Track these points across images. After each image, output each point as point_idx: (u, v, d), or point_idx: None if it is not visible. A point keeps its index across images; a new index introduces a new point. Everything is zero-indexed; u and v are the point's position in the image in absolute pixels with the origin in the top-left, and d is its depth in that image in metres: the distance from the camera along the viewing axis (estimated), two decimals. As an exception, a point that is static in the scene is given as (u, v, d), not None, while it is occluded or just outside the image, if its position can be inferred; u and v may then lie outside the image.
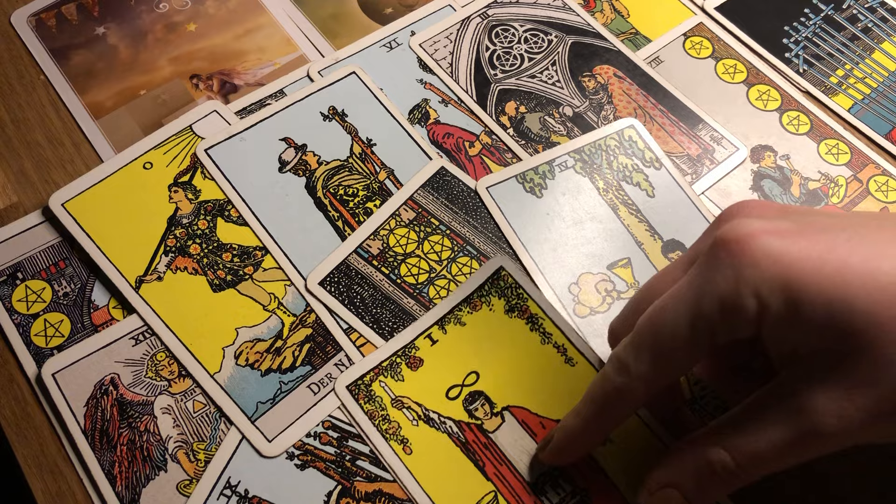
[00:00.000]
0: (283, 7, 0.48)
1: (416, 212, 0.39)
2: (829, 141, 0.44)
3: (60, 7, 0.47)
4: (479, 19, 0.47)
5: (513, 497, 0.33)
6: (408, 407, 0.35)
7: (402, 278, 0.38)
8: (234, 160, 0.41)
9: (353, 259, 0.38)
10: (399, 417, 0.34)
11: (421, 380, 0.35)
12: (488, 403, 0.35)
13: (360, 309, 0.37)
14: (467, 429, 0.34)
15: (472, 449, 0.34)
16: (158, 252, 0.38)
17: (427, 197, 0.40)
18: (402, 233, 0.39)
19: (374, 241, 0.38)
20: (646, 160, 0.42)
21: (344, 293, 0.37)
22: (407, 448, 0.34)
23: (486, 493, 0.33)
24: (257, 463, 0.34)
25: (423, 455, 0.34)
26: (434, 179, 0.41)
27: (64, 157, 0.42)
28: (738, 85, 0.46)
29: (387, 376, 0.35)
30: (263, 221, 0.40)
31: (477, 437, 0.34)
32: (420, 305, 0.37)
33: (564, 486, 0.33)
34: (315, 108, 0.43)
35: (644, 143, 0.43)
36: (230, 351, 0.36)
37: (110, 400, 0.35)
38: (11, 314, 0.37)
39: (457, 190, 0.41)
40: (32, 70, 0.45)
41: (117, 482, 0.33)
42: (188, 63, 0.45)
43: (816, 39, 0.48)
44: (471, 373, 0.35)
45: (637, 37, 0.47)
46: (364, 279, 0.38)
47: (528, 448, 0.34)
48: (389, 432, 0.34)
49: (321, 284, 0.38)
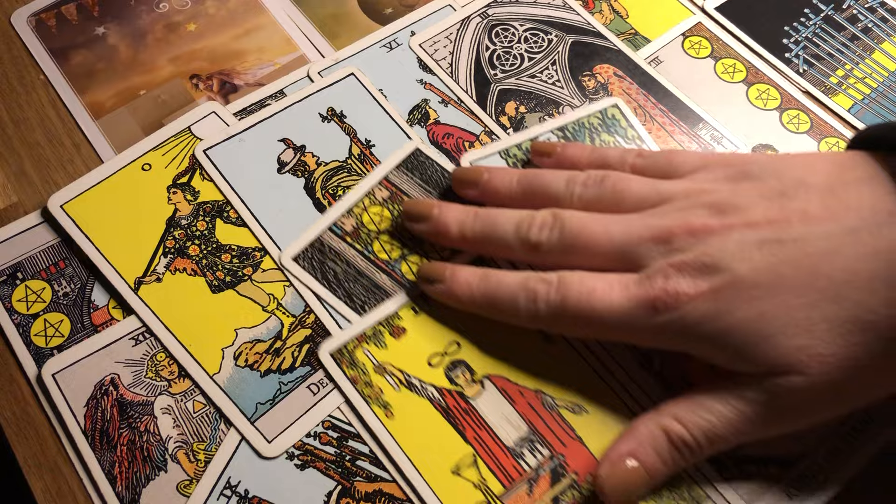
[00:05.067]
0: (283, 7, 0.48)
1: (391, 191, 0.41)
2: (829, 139, 0.44)
3: (60, 7, 0.47)
4: (479, 19, 0.47)
5: (491, 459, 0.34)
6: (390, 373, 0.35)
7: (375, 254, 0.39)
8: (232, 161, 0.41)
9: (326, 236, 0.39)
10: (381, 383, 0.35)
11: (404, 348, 0.36)
12: (469, 371, 0.36)
13: (333, 283, 0.38)
14: (448, 395, 0.35)
15: (452, 414, 0.35)
16: (157, 253, 0.38)
17: (401, 177, 0.41)
18: (376, 211, 0.40)
19: (348, 219, 0.39)
20: (628, 138, 0.43)
21: (317, 268, 0.38)
22: (389, 412, 0.35)
23: (465, 454, 0.34)
24: (257, 463, 0.34)
25: (404, 419, 0.34)
26: (409, 160, 0.42)
27: (64, 158, 0.42)
28: (737, 84, 0.46)
29: (370, 344, 0.36)
30: (262, 222, 0.40)
31: (458, 403, 0.35)
32: (393, 281, 0.38)
33: (542, 450, 0.34)
34: (314, 109, 0.43)
35: (627, 122, 0.43)
36: (229, 352, 0.36)
37: (110, 400, 0.35)
38: (11, 314, 0.37)
39: (431, 171, 0.42)
40: (32, 70, 0.45)
41: (117, 482, 0.33)
42: (188, 63, 0.45)
43: (816, 39, 0.48)
44: (453, 342, 0.36)
45: (636, 37, 0.47)
46: (337, 255, 0.39)
47: (507, 414, 0.35)
48: (372, 397, 0.35)
49: (295, 260, 0.38)
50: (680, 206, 0.33)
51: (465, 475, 0.33)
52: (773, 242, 0.30)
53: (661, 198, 0.34)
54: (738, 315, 0.30)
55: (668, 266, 0.31)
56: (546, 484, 0.33)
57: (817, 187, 0.32)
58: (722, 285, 0.30)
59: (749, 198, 0.32)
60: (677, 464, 0.31)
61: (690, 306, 0.30)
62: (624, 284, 0.32)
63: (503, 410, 0.35)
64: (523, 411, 0.35)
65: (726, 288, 0.30)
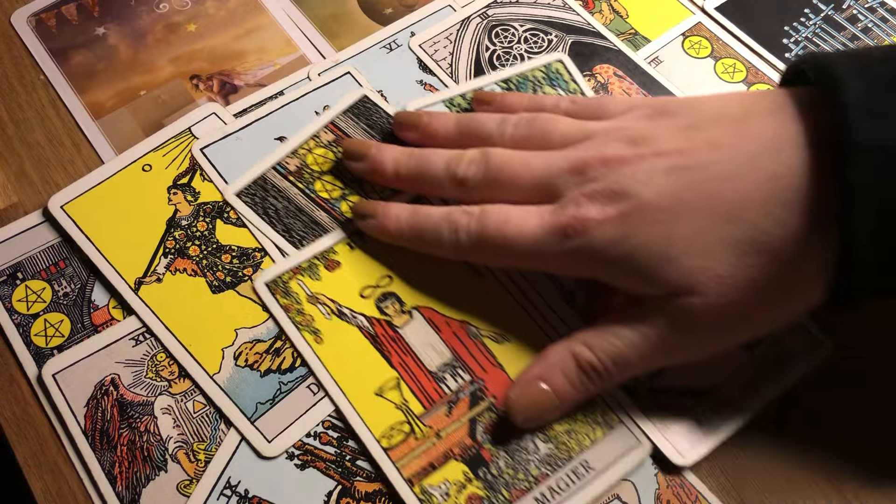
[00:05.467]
0: (283, 7, 0.48)
1: (336, 135, 0.42)
2: (828, 141, 0.44)
3: (60, 7, 0.47)
4: (479, 19, 0.47)
5: (414, 383, 0.35)
6: (322, 303, 0.37)
7: (316, 193, 0.40)
8: (229, 159, 0.41)
9: (270, 174, 0.41)
10: (313, 311, 0.37)
11: (337, 280, 0.38)
12: (398, 302, 0.37)
13: (273, 218, 0.39)
14: (377, 324, 0.37)
15: (380, 341, 0.36)
16: (158, 254, 0.38)
17: (347, 122, 0.42)
18: (320, 153, 0.41)
19: (293, 159, 0.41)
20: (570, 90, 0.44)
21: (259, 204, 0.40)
22: (318, 338, 0.36)
23: (389, 378, 0.35)
24: (257, 463, 0.34)
25: (332, 345, 0.36)
26: (356, 106, 0.43)
27: (64, 158, 0.42)
28: (737, 84, 0.46)
29: (304, 276, 0.38)
30: (262, 222, 0.40)
31: (385, 331, 0.37)
32: (332, 219, 0.39)
33: (463, 375, 0.36)
34: (310, 107, 0.43)
35: (570, 76, 0.45)
36: (229, 352, 0.36)
37: (110, 400, 0.35)
38: (11, 314, 0.37)
39: (377, 117, 0.43)
40: (32, 70, 0.45)
41: (117, 482, 0.33)
42: (188, 63, 0.45)
43: (816, 39, 0.48)
44: (385, 276, 0.38)
45: (636, 37, 0.47)
46: (279, 192, 0.40)
47: (432, 341, 0.36)
48: (303, 324, 0.36)
49: (238, 195, 0.40)
50: (599, 142, 0.34)
51: (387, 396, 0.35)
52: (679, 169, 0.31)
53: (584, 135, 0.35)
54: (642, 238, 0.31)
55: (580, 195, 0.32)
56: (465, 406, 0.35)
57: (729, 118, 0.33)
58: (629, 210, 0.31)
59: (663, 131, 0.33)
60: (587, 388, 0.33)
61: (598, 231, 0.31)
62: (539, 214, 0.33)
63: (429, 339, 0.36)
64: (448, 339, 0.36)
65: (632, 213, 0.31)
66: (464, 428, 0.34)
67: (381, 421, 0.34)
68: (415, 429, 0.34)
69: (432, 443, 0.34)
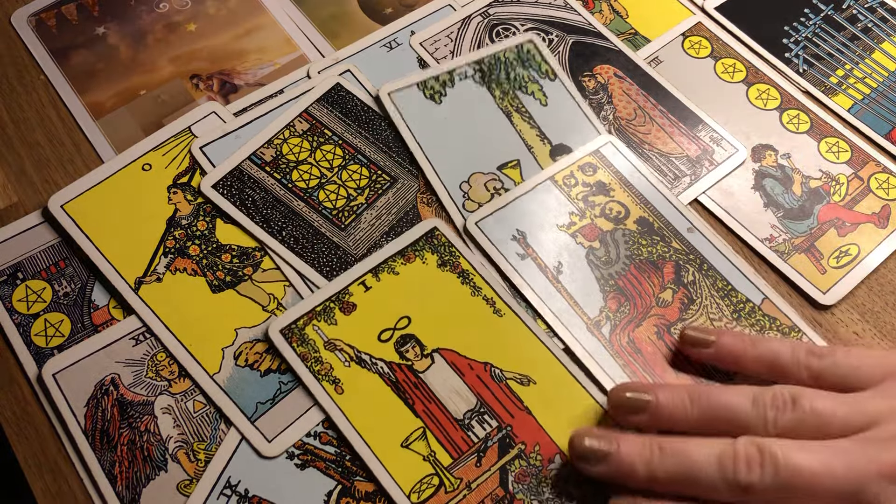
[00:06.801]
0: (283, 7, 0.48)
1: (311, 123, 0.42)
2: (829, 139, 0.44)
3: (60, 7, 0.47)
4: (479, 18, 0.47)
5: (440, 432, 0.34)
6: (340, 349, 0.36)
7: (293, 183, 0.40)
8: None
9: (246, 165, 0.40)
10: (331, 359, 0.36)
11: (354, 323, 0.37)
12: (419, 346, 0.36)
13: (252, 210, 0.39)
14: (398, 369, 0.36)
15: (402, 388, 0.35)
16: (158, 253, 0.38)
17: (322, 110, 0.42)
18: (295, 142, 0.41)
19: (268, 150, 0.41)
20: (542, 72, 0.45)
21: (236, 195, 0.40)
22: (339, 388, 0.35)
23: (415, 428, 0.34)
24: (257, 463, 0.34)
25: (354, 394, 0.35)
26: (329, 94, 0.43)
27: (64, 157, 0.42)
28: (737, 84, 0.46)
29: (320, 320, 0.36)
30: (263, 222, 0.40)
31: (407, 377, 0.35)
32: (310, 207, 0.40)
33: (490, 422, 0.35)
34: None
35: (541, 57, 0.45)
36: (229, 351, 0.36)
37: (111, 400, 0.35)
38: (12, 314, 0.37)
39: (351, 104, 0.43)
40: (32, 70, 0.45)
41: (118, 482, 0.33)
42: (188, 63, 0.45)
43: (816, 39, 0.48)
44: (402, 317, 0.37)
45: (636, 37, 0.47)
46: (256, 183, 0.40)
47: (457, 387, 0.35)
48: (322, 373, 0.35)
49: (214, 187, 0.40)
50: (893, 432, 0.31)
51: (414, 448, 0.34)
52: None
53: (867, 420, 0.31)
54: None
55: None
56: (494, 455, 0.34)
57: None
58: None
59: None
60: None
61: None
62: None
63: (452, 383, 0.35)
64: (472, 384, 0.35)
65: None
66: (495, 478, 0.33)
67: (409, 475, 0.33)
68: (444, 481, 0.33)
69: (464, 495, 0.33)
